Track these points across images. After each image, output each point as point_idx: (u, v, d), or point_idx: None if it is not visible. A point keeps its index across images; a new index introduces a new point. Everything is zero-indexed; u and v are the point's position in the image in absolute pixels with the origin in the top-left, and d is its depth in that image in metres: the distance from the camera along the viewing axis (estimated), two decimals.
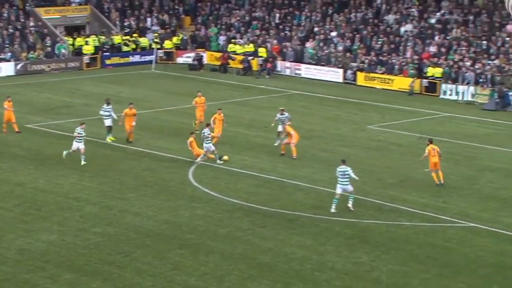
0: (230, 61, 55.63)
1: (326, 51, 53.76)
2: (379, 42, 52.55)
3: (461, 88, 46.04)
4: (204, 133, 31.92)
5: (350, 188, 26.43)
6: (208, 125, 32.76)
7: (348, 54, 52.63)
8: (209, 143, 31.86)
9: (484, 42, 48.47)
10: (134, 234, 24.21)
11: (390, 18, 54.58)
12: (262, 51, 55.30)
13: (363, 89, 49.37)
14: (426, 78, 47.91)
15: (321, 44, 54.69)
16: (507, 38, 47.86)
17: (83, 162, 31.07)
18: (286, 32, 57.47)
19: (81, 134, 31.37)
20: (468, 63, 46.97)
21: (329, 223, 25.41)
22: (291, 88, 49.55)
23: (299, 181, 29.84)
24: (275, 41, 56.23)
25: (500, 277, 21.27)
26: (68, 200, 27.38)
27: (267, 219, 25.71)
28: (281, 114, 34.61)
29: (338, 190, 26.37)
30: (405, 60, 49.91)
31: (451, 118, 41.48)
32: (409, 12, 54.18)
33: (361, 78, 50.94)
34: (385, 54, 51.23)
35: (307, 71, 53.57)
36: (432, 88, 47.47)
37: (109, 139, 35.06)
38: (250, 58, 55.21)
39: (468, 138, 36.20)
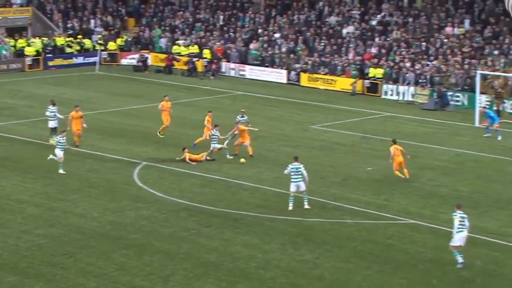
0: (174, 62, 55.44)
1: (270, 53, 53.96)
2: (322, 44, 52.98)
3: (401, 88, 46.71)
4: (213, 134, 32.31)
5: (303, 186, 26.50)
6: (216, 126, 32.85)
7: (291, 55, 52.93)
8: (216, 143, 32.25)
9: (424, 43, 49.27)
10: (78, 235, 23.90)
11: (332, 20, 55.08)
12: (206, 53, 55.25)
13: (307, 90, 49.72)
14: (368, 78, 48.49)
15: (265, 45, 54.89)
16: (445, 40, 48.74)
17: (62, 171, 30.07)
18: (230, 33, 57.51)
19: (62, 142, 30.37)
20: (408, 64, 47.69)
21: (274, 222, 25.49)
22: (236, 89, 49.60)
23: (244, 181, 29.86)
24: (219, 43, 56.22)
25: (439, 272, 21.63)
26: (10, 202, 26.90)
27: (212, 219, 25.66)
28: (242, 117, 34.72)
29: (292, 188, 26.49)
30: (347, 61, 50.42)
31: (392, 117, 42.03)
32: (350, 14, 54.76)
33: (304, 79, 51.29)
34: (328, 55, 51.68)
35: (251, 72, 53.71)
36: (373, 88, 48.07)
37: (52, 140, 34.55)
38: (195, 59, 55.11)
39: (409, 137, 36.69)
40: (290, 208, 26.42)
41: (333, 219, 25.87)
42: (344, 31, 53.52)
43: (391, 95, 47.10)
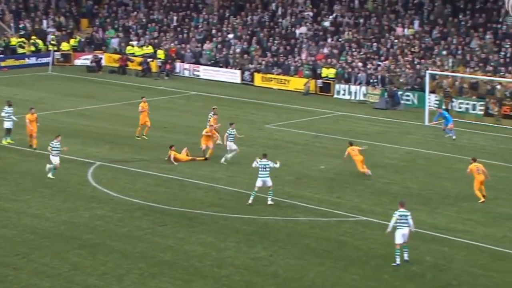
0: (129, 63, 55.09)
1: (224, 53, 53.97)
2: (275, 44, 53.17)
3: (353, 88, 47.15)
4: (230, 133, 31.99)
5: (269, 182, 26.67)
6: (231, 124, 32.61)
7: (245, 56, 53.01)
8: (232, 141, 31.93)
9: (375, 44, 49.79)
10: (32, 236, 23.60)
11: (285, 21, 55.31)
12: (160, 53, 55.02)
13: (260, 90, 49.85)
14: (321, 78, 48.82)
15: (219, 46, 54.87)
16: (396, 41, 49.33)
17: (51, 176, 29.25)
18: (184, 34, 57.36)
19: (56, 147, 29.43)
20: (359, 64, 48.15)
21: (228, 220, 25.53)
22: (190, 89, 49.50)
23: (199, 180, 29.83)
24: (173, 43, 56.03)
25: (391, 267, 21.89)
26: None
27: (167, 218, 25.59)
28: (214, 114, 34.88)
29: (259, 183, 26.67)
30: (300, 61, 50.69)
31: (345, 116, 42.40)
32: (303, 15, 55.07)
33: (258, 79, 51.43)
34: (281, 56, 51.88)
35: (206, 72, 53.66)
36: (326, 88, 48.41)
37: (6, 141, 34.09)
38: (149, 60, 54.83)
39: (361, 135, 37.05)
40: (250, 202, 26.61)
41: (287, 217, 26.01)
42: (297, 31, 53.79)
43: (343, 94, 47.50)
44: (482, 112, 41.46)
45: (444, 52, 46.47)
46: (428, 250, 23.02)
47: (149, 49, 55.82)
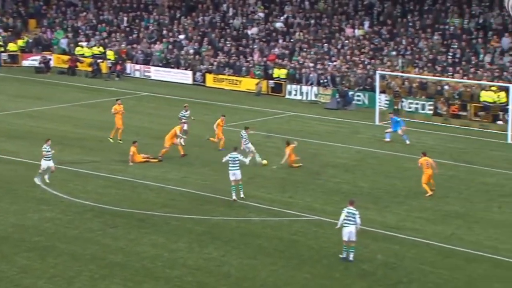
0: (78, 64, 54.49)
1: (175, 54, 53.75)
2: (227, 45, 53.15)
3: (305, 88, 47.39)
4: (243, 136, 32.15)
5: (239, 174, 27.37)
6: (247, 128, 32.87)
7: (196, 57, 52.88)
8: (248, 143, 32.10)
9: (325, 44, 50.12)
10: None
11: (237, 21, 55.34)
12: (110, 54, 54.53)
13: (212, 91, 49.78)
14: (272, 79, 48.96)
15: (170, 46, 54.62)
16: (346, 41, 49.73)
17: (47, 181, 28.52)
18: (135, 34, 56.96)
19: (48, 151, 28.52)
20: (310, 65, 48.42)
21: (180, 221, 25.43)
22: (141, 90, 49.18)
23: (150, 181, 29.66)
24: (123, 44, 55.59)
25: (342, 266, 22.06)
26: None
27: (118, 219, 25.38)
28: (185, 111, 35.17)
29: (231, 177, 27.33)
30: (252, 62, 50.76)
31: (296, 117, 42.57)
32: (254, 16, 55.15)
33: (210, 80, 51.34)
34: (233, 57, 51.88)
35: (157, 73, 53.37)
36: (278, 88, 48.57)
37: None
38: (99, 60, 54.31)
39: (312, 135, 37.25)
40: (234, 197, 27.07)
41: (239, 217, 26.01)
42: (249, 32, 53.86)
43: (295, 95, 47.71)
44: (431, 112, 42.05)
45: (394, 53, 47.02)
46: (379, 249, 23.25)
47: (98, 50, 55.28)
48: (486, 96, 40.80)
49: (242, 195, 27.38)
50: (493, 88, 40.74)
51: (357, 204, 22.76)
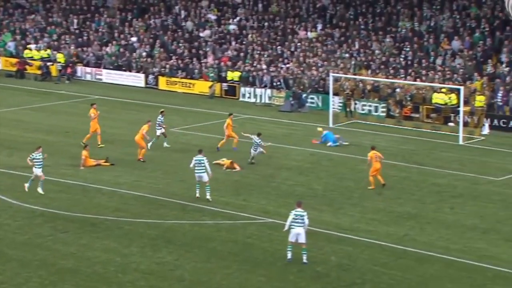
0: (27, 67, 53.77)
1: (127, 56, 53.41)
2: (180, 47, 53.01)
3: (258, 91, 47.50)
4: (255, 139, 32.57)
5: (205, 177, 27.82)
6: (259, 134, 33.08)
7: (149, 59, 52.62)
8: (256, 149, 32.55)
9: (279, 47, 50.34)
10: None
11: (189, 24, 55.23)
12: (60, 57, 53.93)
13: (165, 93, 49.59)
14: (226, 82, 48.98)
15: (122, 49, 54.26)
16: (299, 43, 50.00)
17: (41, 191, 27.77)
18: (85, 37, 56.45)
19: (38, 159, 27.89)
20: (264, 67, 48.56)
21: (133, 225, 25.30)
22: (93, 93, 48.75)
23: (102, 185, 29.44)
24: (73, 46, 55.04)
25: (296, 268, 22.17)
26: None
27: (69, 224, 25.13)
28: (162, 116, 35.55)
29: (197, 178, 28.00)
30: (205, 64, 50.70)
31: (251, 119, 42.61)
32: (207, 19, 55.12)
33: (162, 83, 51.14)
34: (186, 59, 51.76)
35: (108, 76, 52.96)
36: (231, 91, 48.60)
37: None
38: (48, 63, 53.67)
39: (267, 138, 37.25)
40: (197, 195, 27.58)
41: (193, 221, 25.98)
42: (202, 35, 53.79)
43: (249, 97, 47.78)
44: (384, 114, 42.50)
45: (347, 55, 47.44)
46: (332, 250, 23.43)
47: (48, 53, 54.63)
48: (438, 98, 41.43)
49: (208, 197, 27.65)
50: (443, 90, 41.40)
51: (311, 206, 22.97)
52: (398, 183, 30.55)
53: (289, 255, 22.43)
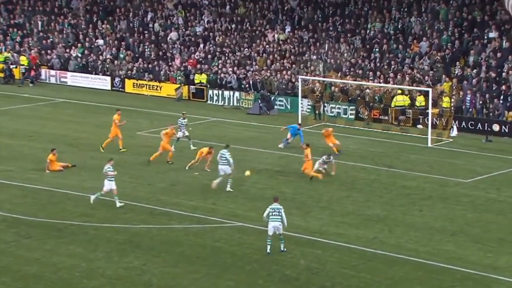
0: None
1: (92, 59, 53.14)
2: (147, 50, 52.88)
3: (226, 93, 47.55)
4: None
5: (228, 169, 29.32)
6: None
7: (115, 62, 52.40)
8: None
9: (246, 49, 50.43)
10: None
11: (156, 26, 55.10)
12: (23, 59, 53.49)
13: (132, 96, 49.44)
14: (194, 84, 48.94)
15: (87, 51, 53.96)
16: (268, 46, 50.14)
17: (119, 204, 27.26)
18: (50, 39, 56.04)
19: (112, 172, 27.29)
20: (232, 70, 48.61)
21: (99, 230, 25.20)
22: (57, 96, 48.47)
23: (68, 190, 29.29)
24: (36, 49, 54.60)
25: (265, 272, 22.24)
26: None
27: (33, 230, 24.96)
28: (183, 119, 35.81)
29: (220, 172, 29.27)
30: (172, 67, 50.63)
31: (219, 122, 42.66)
32: (174, 21, 55.05)
33: (129, 85, 50.97)
34: (153, 62, 51.64)
35: (74, 79, 52.67)
36: (199, 94, 48.59)
37: None
38: (12, 66, 53.18)
39: (235, 141, 37.36)
40: (229, 189, 29.16)
41: (161, 225, 25.91)
42: (169, 37, 53.71)
43: (217, 100, 47.82)
44: (353, 116, 42.79)
45: (315, 57, 47.68)
46: (302, 254, 23.54)
47: (11, 55, 54.13)
48: (400, 101, 41.79)
49: (229, 189, 29.07)
50: (399, 91, 41.78)
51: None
52: (367, 186, 30.78)
53: (268, 248, 23.23)
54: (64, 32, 56.58)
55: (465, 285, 21.68)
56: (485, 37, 44.25)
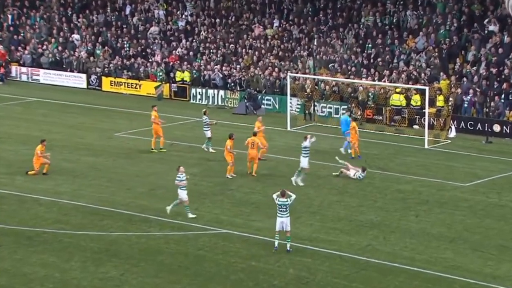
0: None
1: (67, 55, 52.99)
2: (125, 46, 52.77)
3: (210, 92, 47.53)
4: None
5: (305, 163, 30.89)
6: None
7: (91, 58, 52.27)
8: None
9: (232, 45, 50.43)
10: None
11: (135, 20, 55.01)
12: None
13: (109, 95, 49.36)
14: (175, 82, 48.89)
15: (61, 47, 53.80)
16: (254, 41, 50.14)
17: (191, 216, 27.00)
18: (21, 34, 55.85)
19: (183, 180, 26.84)
20: (216, 67, 48.59)
21: (73, 238, 25.19)
22: (29, 95, 48.35)
23: (40, 195, 29.23)
24: (4, 45, 54.40)
25: (252, 282, 22.25)
26: None
27: (3, 238, 24.94)
28: (206, 117, 36.39)
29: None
30: (152, 64, 50.54)
31: (202, 123, 42.53)
32: (154, 15, 54.97)
33: (106, 84, 50.87)
34: (132, 58, 51.54)
35: (46, 76, 52.54)
36: (181, 92, 48.54)
37: None
38: None
39: (220, 143, 37.30)
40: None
41: (140, 232, 25.90)
42: (148, 32, 53.63)
43: (200, 99, 47.78)
44: None
45: (305, 54, 47.73)
46: (290, 262, 23.56)
47: None
48: (395, 100, 41.92)
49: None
50: (397, 90, 41.93)
51: (268, 215, 23.25)
52: (360, 190, 30.84)
53: (276, 243, 24.15)
54: (37, 26, 56.37)
55: None
56: (485, 31, 44.40)
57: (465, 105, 41.40)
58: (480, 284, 22.28)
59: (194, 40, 51.84)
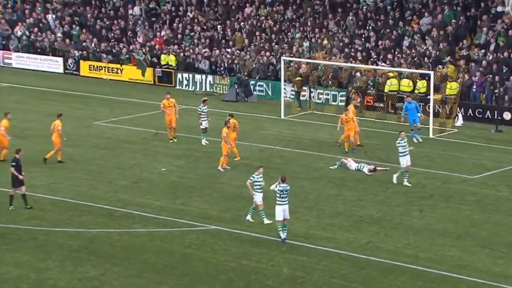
0: None
1: (41, 37, 52.92)
2: (105, 27, 52.71)
3: (198, 77, 47.54)
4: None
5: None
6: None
7: (68, 41, 52.22)
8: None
9: (220, 25, 50.38)
10: None
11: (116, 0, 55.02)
12: None
13: (88, 80, 49.42)
14: (160, 66, 48.87)
15: (35, 29, 53.72)
16: (245, 22, 50.09)
17: (266, 221, 25.93)
18: None
19: (258, 182, 25.81)
20: (204, 50, 48.57)
21: (50, 235, 25.26)
22: (0, 80, 48.22)
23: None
24: None
25: (243, 282, 22.36)
26: None
27: None
28: (204, 106, 36.19)
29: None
30: (135, 47, 50.50)
31: (189, 110, 42.56)
32: None
33: (85, 68, 50.88)
34: (112, 41, 51.50)
35: (19, 60, 52.57)
36: (166, 78, 48.53)
37: None
38: None
39: (209, 132, 37.39)
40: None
41: (122, 229, 25.98)
42: (130, 12, 53.57)
43: (187, 85, 47.81)
44: (343, 104, 42.89)
45: (299, 35, 47.70)
46: (285, 261, 23.67)
47: None
48: (394, 85, 41.92)
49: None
50: (390, 74, 41.89)
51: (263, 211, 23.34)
52: (360, 183, 30.96)
53: (281, 234, 24.59)
54: (8, 6, 56.24)
55: None
56: (494, 11, 44.44)
57: (473, 91, 41.47)
58: (489, 284, 22.43)
59: (180, 22, 51.78)
